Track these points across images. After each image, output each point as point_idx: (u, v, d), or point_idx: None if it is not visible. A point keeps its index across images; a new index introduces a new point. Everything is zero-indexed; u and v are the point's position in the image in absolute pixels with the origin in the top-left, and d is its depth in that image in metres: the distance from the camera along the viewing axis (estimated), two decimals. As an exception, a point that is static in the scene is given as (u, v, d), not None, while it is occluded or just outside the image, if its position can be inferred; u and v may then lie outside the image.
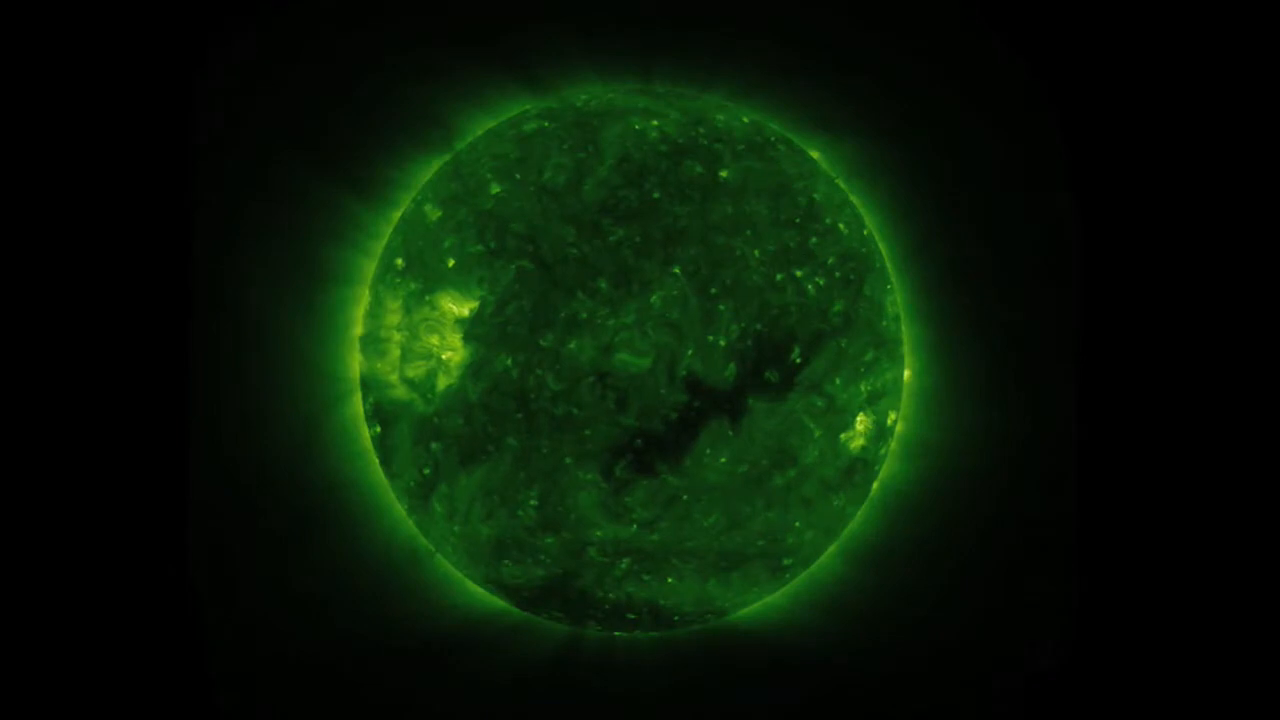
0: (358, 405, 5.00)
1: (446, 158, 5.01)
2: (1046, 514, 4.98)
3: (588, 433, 4.35)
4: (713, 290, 4.37)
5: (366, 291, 4.93)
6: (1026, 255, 5.01)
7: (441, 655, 5.14)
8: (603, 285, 4.31)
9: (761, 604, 5.10)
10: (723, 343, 4.38)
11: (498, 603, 5.06)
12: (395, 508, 5.03)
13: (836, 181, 4.96)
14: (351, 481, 5.09)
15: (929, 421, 5.06)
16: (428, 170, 5.04)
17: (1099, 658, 4.89)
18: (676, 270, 4.36)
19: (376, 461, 4.98)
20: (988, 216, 5.02)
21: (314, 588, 5.08)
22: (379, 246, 5.02)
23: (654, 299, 4.32)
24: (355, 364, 4.97)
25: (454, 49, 5.04)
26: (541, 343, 4.32)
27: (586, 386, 4.31)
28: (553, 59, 5.04)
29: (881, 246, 4.99)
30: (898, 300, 4.97)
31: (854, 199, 4.99)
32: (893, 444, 4.99)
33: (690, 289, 4.35)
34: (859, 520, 5.04)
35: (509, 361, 4.36)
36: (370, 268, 5.01)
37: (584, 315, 4.31)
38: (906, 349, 4.95)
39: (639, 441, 4.37)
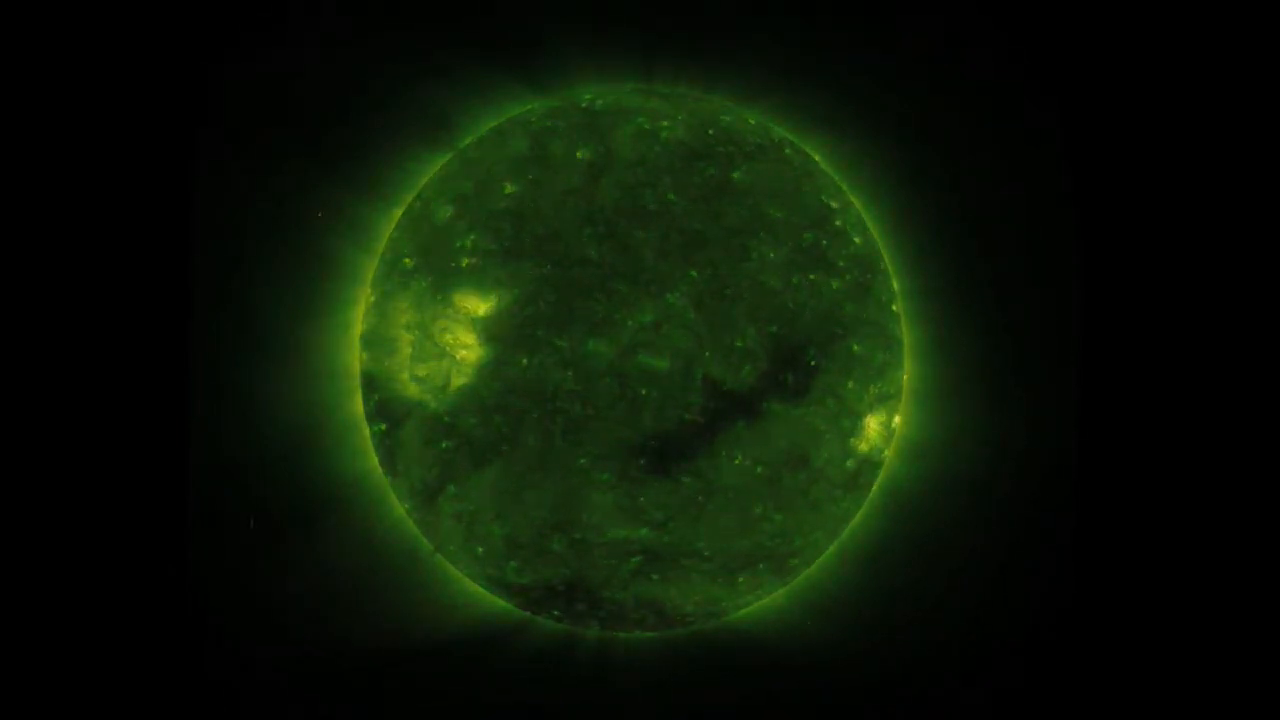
0: (359, 403, 4.97)
1: (448, 156, 4.98)
2: (1046, 514, 5.01)
3: (604, 433, 4.35)
4: (729, 292, 4.38)
5: (369, 290, 4.90)
6: (1026, 256, 5.04)
7: (442, 655, 5.12)
8: (621, 287, 4.30)
9: (761, 604, 5.11)
10: (739, 344, 4.39)
11: (499, 603, 5.04)
12: (396, 507, 5.01)
13: (840, 183, 4.98)
14: (352, 480, 5.06)
15: (929, 422, 5.08)
16: (429, 167, 5.02)
17: (1097, 657, 4.92)
18: (694, 273, 4.36)
19: (377, 460, 4.96)
20: (988, 217, 5.04)
21: (314, 587, 5.05)
22: (380, 244, 4.99)
23: (672, 301, 4.32)
24: (357, 362, 4.94)
25: (454, 46, 5.02)
26: (559, 343, 4.31)
27: (604, 387, 4.31)
28: (555, 57, 5.03)
29: (883, 248, 5.01)
30: (899, 301, 4.99)
31: (854, 200, 5.00)
32: (893, 444, 5.01)
33: (708, 291, 4.35)
34: (859, 520, 5.06)
35: (525, 361, 4.35)
36: (371, 266, 4.98)
37: (602, 316, 4.30)
38: (907, 350, 4.98)
39: (655, 443, 4.37)
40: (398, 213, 5.00)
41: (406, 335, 4.61)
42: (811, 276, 4.53)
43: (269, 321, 5.00)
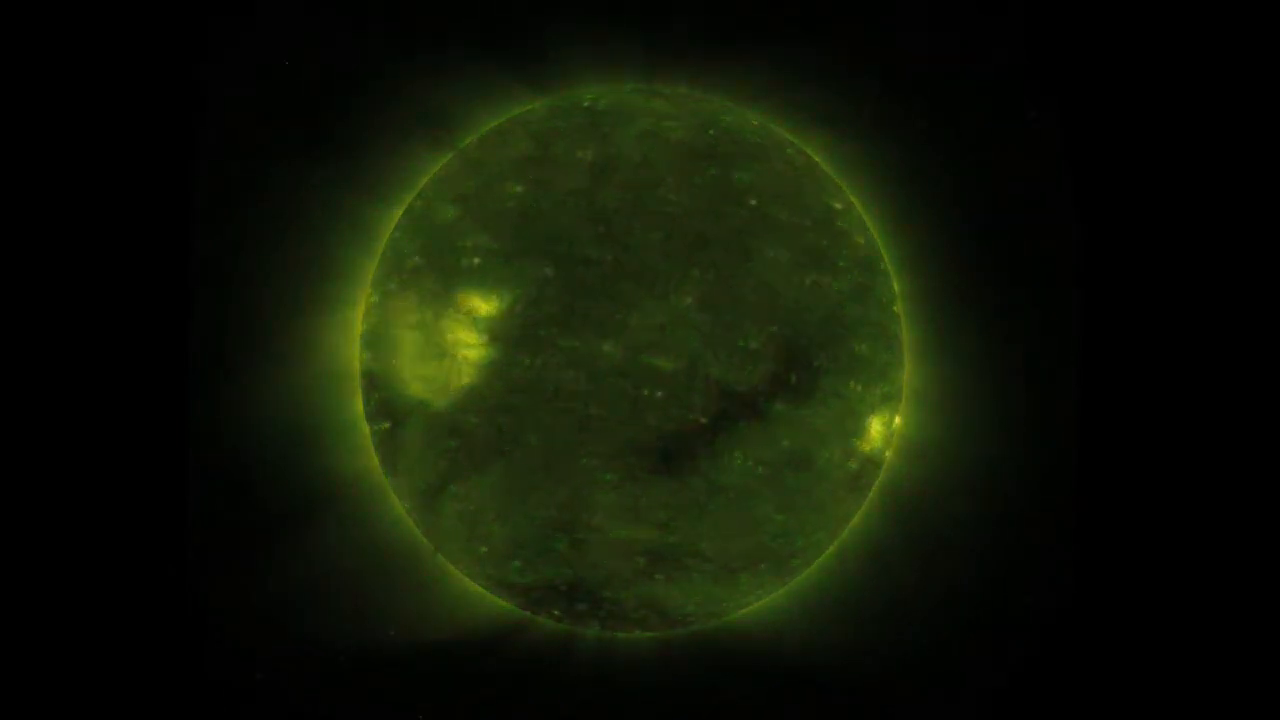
0: (360, 403, 4.95)
1: (449, 155, 4.97)
2: (1046, 514, 5.02)
3: (609, 433, 4.33)
4: (734, 293, 4.37)
5: (372, 289, 4.89)
6: (1027, 256, 5.05)
7: (442, 655, 5.12)
8: (626, 287, 4.29)
9: (761, 603, 5.11)
10: (742, 345, 4.38)
11: (499, 603, 5.04)
12: (396, 506, 5.00)
13: (840, 184, 4.98)
14: (353, 480, 5.06)
15: (929, 422, 5.08)
16: (430, 167, 5.01)
17: (1097, 657, 4.93)
18: (699, 274, 4.35)
19: (378, 459, 4.94)
20: (989, 218, 5.05)
21: (314, 587, 5.04)
22: (380, 244, 4.98)
23: (677, 301, 4.32)
24: (358, 362, 4.93)
25: (455, 46, 5.01)
26: (564, 343, 4.30)
27: (609, 387, 4.30)
28: (555, 57, 5.02)
29: (883, 249, 5.01)
30: (899, 303, 5.00)
31: (855, 200, 5.00)
32: (893, 444, 5.01)
33: (713, 292, 4.34)
34: (859, 520, 5.06)
35: (530, 361, 4.34)
36: (372, 266, 4.97)
37: (607, 317, 4.29)
38: (907, 350, 4.98)
39: (659, 443, 4.36)
40: (397, 212, 4.99)
41: (411, 335, 4.59)
42: (815, 277, 4.53)
43: (269, 321, 4.99)
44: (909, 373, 4.98)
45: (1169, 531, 4.89)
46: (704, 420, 4.36)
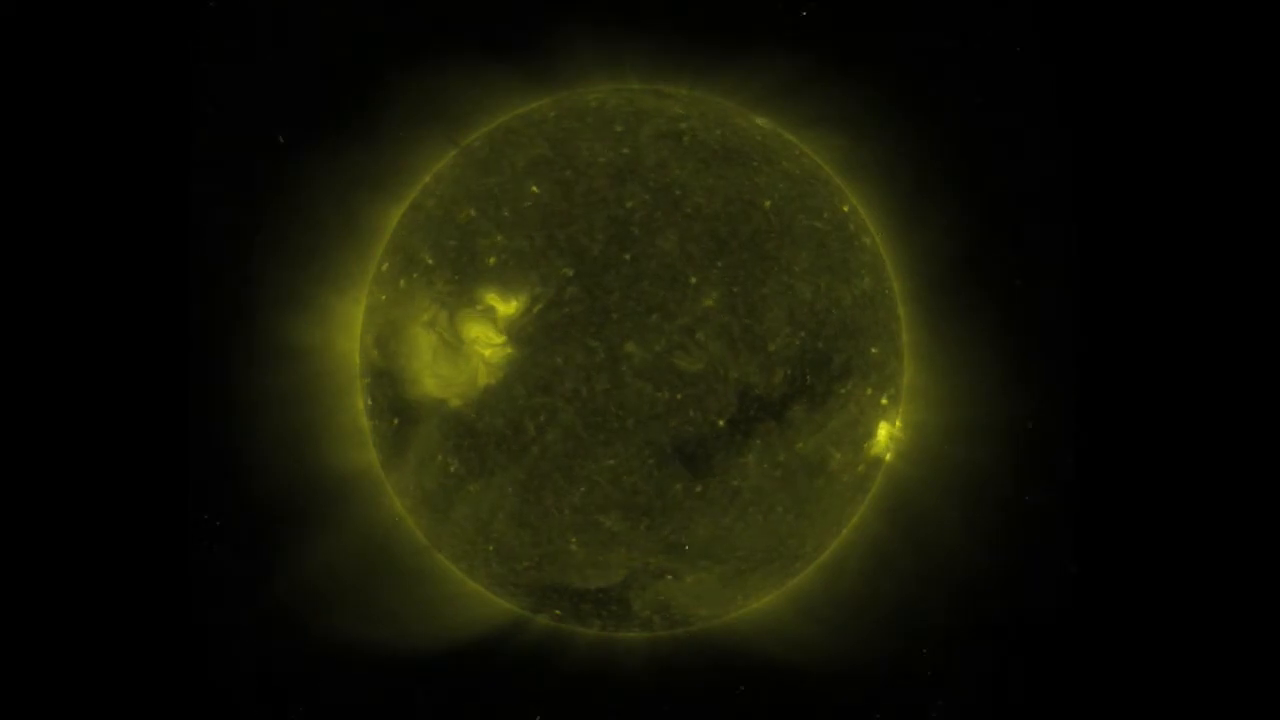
0: (370, 401, 4.93)
1: (453, 153, 4.95)
2: (1047, 513, 5.06)
3: (629, 434, 4.33)
4: (756, 296, 4.37)
5: (384, 288, 4.85)
6: (1028, 257, 5.08)
7: (442, 655, 5.11)
8: (650, 289, 4.28)
9: (761, 604, 5.13)
10: (760, 348, 4.39)
11: (502, 603, 5.03)
12: (397, 505, 4.98)
13: (844, 187, 5.00)
14: (353, 477, 5.03)
15: (929, 422, 5.12)
16: (431, 164, 4.99)
17: (1095, 656, 4.98)
18: (720, 277, 4.35)
19: (382, 457, 4.92)
20: (989, 218, 5.08)
21: (314, 585, 5.02)
22: (382, 241, 4.96)
23: (699, 304, 4.31)
24: (364, 360, 4.90)
25: (456, 41, 4.99)
26: (585, 344, 4.28)
27: (630, 388, 4.29)
28: (559, 55, 5.01)
29: (886, 251, 5.04)
30: (902, 304, 5.03)
31: (858, 203, 5.02)
32: (895, 445, 5.04)
33: (734, 295, 4.34)
34: (859, 520, 5.09)
35: (550, 362, 4.32)
36: (374, 263, 4.94)
37: (628, 318, 4.28)
38: (908, 350, 5.01)
39: (678, 445, 4.36)
40: (400, 210, 4.96)
41: (424, 334, 4.56)
42: (830, 280, 4.55)
43: (269, 319, 4.96)
44: (909, 373, 5.01)
45: (1168, 531, 4.94)
46: (722, 423, 4.36)
